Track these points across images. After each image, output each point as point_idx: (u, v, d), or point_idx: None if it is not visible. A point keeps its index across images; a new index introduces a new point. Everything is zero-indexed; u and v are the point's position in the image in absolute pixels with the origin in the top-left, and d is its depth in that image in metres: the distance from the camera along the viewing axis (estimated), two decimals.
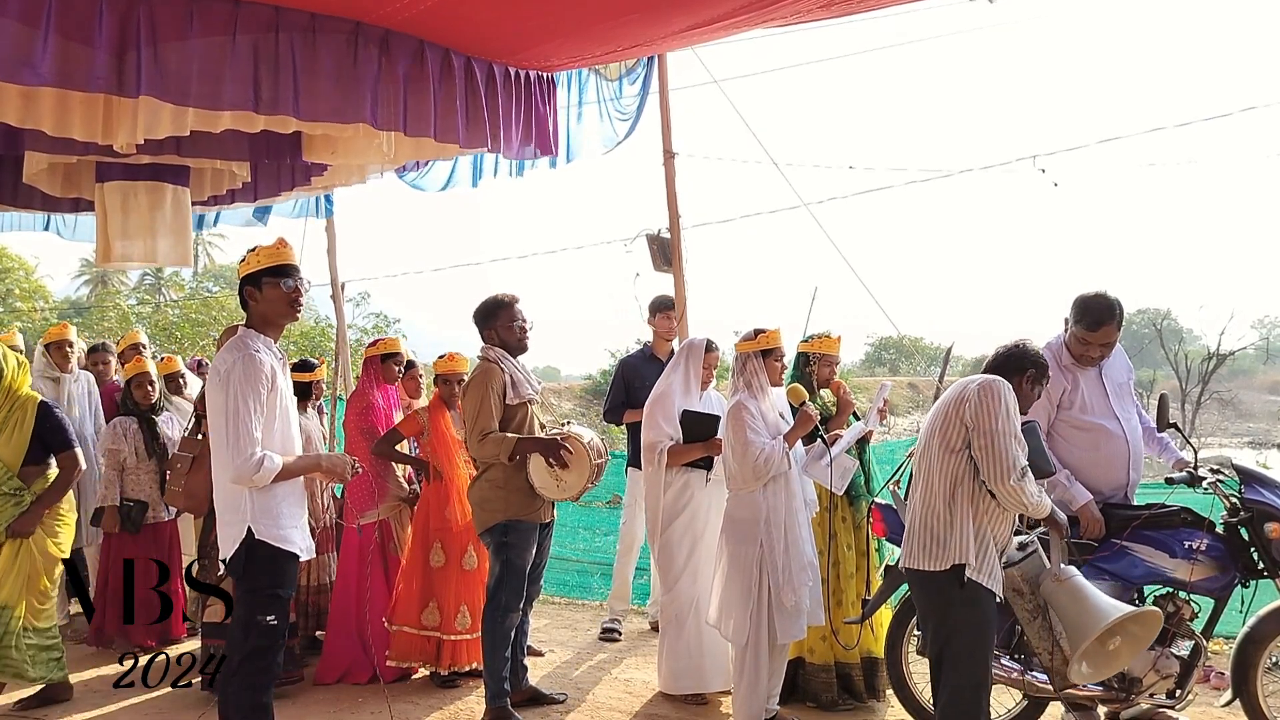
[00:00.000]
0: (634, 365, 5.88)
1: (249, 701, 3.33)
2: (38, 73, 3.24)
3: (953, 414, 3.30)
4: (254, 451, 3.20)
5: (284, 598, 3.39)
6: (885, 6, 4.28)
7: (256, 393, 3.25)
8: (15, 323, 22.97)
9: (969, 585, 3.22)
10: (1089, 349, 4.02)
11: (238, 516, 3.29)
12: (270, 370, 3.32)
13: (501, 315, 4.40)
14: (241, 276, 3.43)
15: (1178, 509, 3.83)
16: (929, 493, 3.34)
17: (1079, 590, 3.40)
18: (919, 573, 3.33)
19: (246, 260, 3.41)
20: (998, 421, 3.20)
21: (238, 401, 3.22)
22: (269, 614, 3.33)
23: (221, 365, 3.30)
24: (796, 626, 4.05)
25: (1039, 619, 3.51)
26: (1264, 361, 52.88)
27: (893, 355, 58.65)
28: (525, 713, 4.42)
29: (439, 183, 6.73)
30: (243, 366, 3.25)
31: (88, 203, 5.61)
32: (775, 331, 4.23)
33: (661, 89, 6.24)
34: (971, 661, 3.28)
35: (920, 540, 3.32)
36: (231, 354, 3.30)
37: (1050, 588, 3.45)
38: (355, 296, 28.82)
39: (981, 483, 3.23)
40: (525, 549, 4.31)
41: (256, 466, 3.20)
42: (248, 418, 3.22)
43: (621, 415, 5.77)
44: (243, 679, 3.33)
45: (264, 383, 3.28)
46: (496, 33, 4.21)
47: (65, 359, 6.01)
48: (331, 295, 8.19)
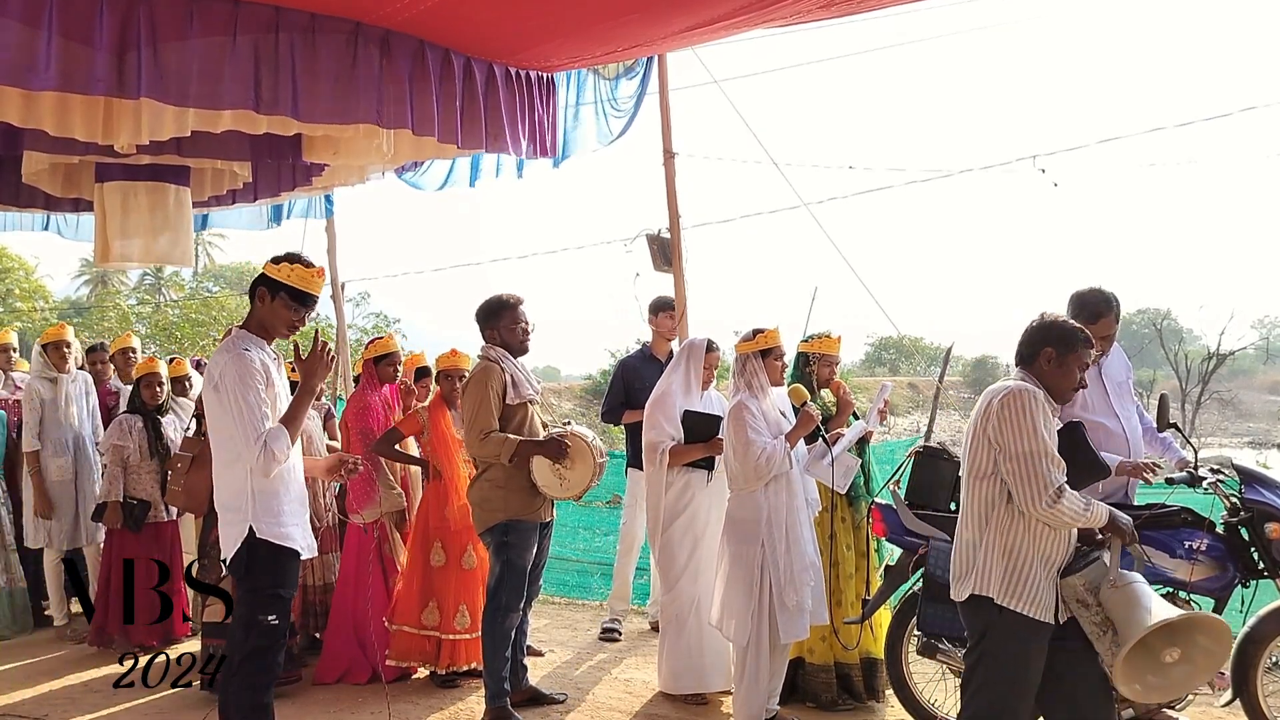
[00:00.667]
0: (633, 366, 5.88)
1: (249, 701, 3.33)
2: (42, 76, 3.25)
3: (979, 432, 3.05)
4: (260, 438, 3.22)
5: (285, 597, 3.39)
6: (885, 6, 4.28)
7: (254, 387, 3.26)
8: (15, 322, 23.00)
9: (1006, 614, 2.97)
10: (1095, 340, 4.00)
11: (239, 516, 3.30)
12: (262, 366, 3.34)
13: (505, 316, 4.40)
14: (265, 275, 3.43)
15: (1178, 509, 3.83)
16: (963, 516, 3.16)
17: (1136, 596, 2.99)
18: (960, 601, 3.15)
19: (280, 267, 3.41)
20: (1023, 441, 2.93)
21: (237, 398, 3.24)
22: (270, 613, 3.32)
23: (214, 369, 3.33)
24: (799, 626, 4.04)
25: (1108, 633, 3.03)
26: (1264, 361, 52.90)
27: (893, 355, 58.66)
28: (525, 713, 4.42)
29: (437, 182, 6.74)
30: (234, 366, 3.27)
31: (88, 203, 5.61)
32: (774, 331, 4.23)
33: (661, 89, 6.23)
34: (989, 693, 3.03)
35: (953, 566, 3.17)
36: (222, 356, 3.33)
37: (1108, 594, 3.04)
38: (355, 296, 28.86)
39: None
40: (525, 548, 4.31)
41: (271, 454, 3.22)
42: (255, 408, 3.24)
43: (620, 416, 5.76)
44: (243, 679, 3.33)
45: (258, 378, 3.29)
46: (496, 33, 4.21)
47: (63, 359, 6.00)
48: (331, 295, 8.19)
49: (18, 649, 5.72)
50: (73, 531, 5.95)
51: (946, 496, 4.06)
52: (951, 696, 4.13)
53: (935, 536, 3.97)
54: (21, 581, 6.03)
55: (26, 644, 5.83)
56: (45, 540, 5.89)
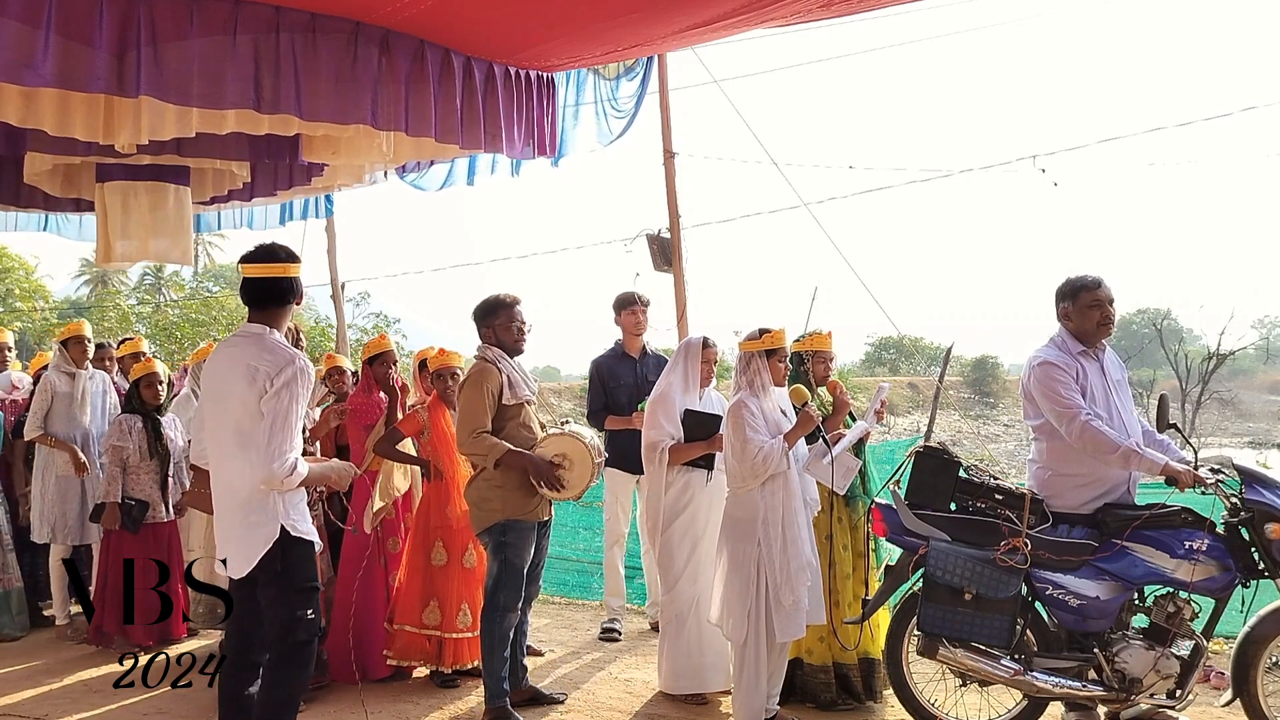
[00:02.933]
0: (607, 365, 5.80)
1: (287, 698, 3.35)
2: (39, 73, 3.25)
3: None
4: (290, 456, 3.23)
5: (318, 590, 3.43)
6: (885, 6, 4.28)
7: (305, 404, 3.31)
8: (15, 322, 23.00)
9: None
10: (1102, 309, 4.02)
11: (267, 516, 3.27)
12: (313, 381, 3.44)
13: (501, 315, 4.40)
14: (292, 279, 3.42)
15: (1178, 509, 3.83)
16: None
17: None
18: None
19: (296, 265, 3.42)
20: None
21: (291, 406, 3.24)
22: (309, 608, 3.36)
23: (269, 367, 3.25)
24: (795, 625, 4.04)
25: None
26: (1264, 361, 52.92)
27: (893, 355, 58.66)
28: (525, 712, 4.42)
29: (437, 182, 6.75)
30: (302, 375, 3.28)
31: (88, 202, 5.61)
32: (780, 331, 4.23)
33: (661, 89, 6.24)
34: None
35: None
36: (279, 356, 3.28)
37: None
38: (355, 296, 28.91)
39: None
40: (523, 548, 4.31)
41: (291, 469, 3.22)
42: (295, 423, 3.25)
43: (604, 420, 5.71)
44: (285, 675, 3.33)
45: (309, 393, 3.37)
46: (496, 32, 4.21)
47: (82, 354, 6.06)
48: (331, 295, 8.20)
49: (17, 649, 5.72)
50: (79, 528, 5.95)
51: (946, 496, 4.06)
52: (951, 696, 4.13)
53: (935, 536, 3.97)
54: (19, 581, 6.03)
55: (26, 644, 5.83)
56: (50, 535, 5.90)
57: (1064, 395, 3.90)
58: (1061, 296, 4.11)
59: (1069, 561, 3.84)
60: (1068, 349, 4.05)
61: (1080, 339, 4.07)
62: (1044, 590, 3.84)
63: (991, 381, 52.64)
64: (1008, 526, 3.89)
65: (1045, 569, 3.84)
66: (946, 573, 3.85)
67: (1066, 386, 3.91)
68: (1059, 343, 4.09)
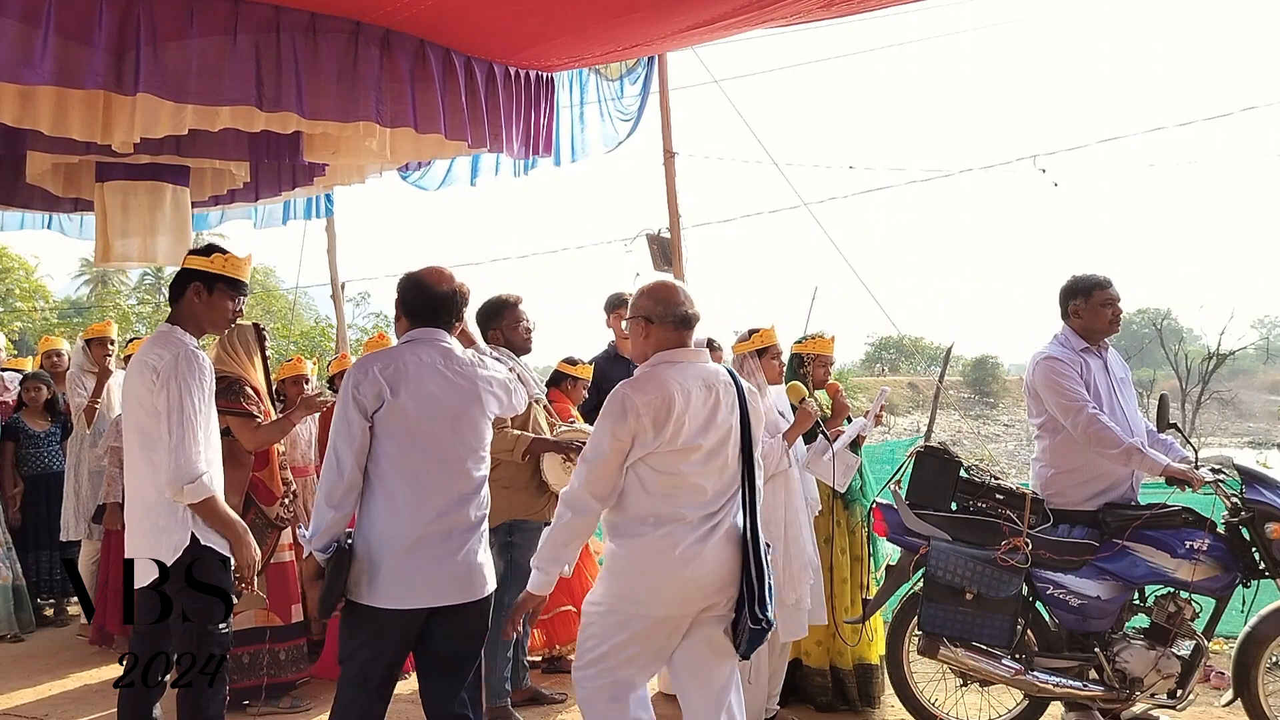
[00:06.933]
0: (600, 367, 5.76)
1: (206, 715, 3.21)
2: (37, 72, 3.24)
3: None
4: (198, 466, 3.03)
5: (231, 603, 3.23)
6: (885, 6, 4.28)
7: (202, 394, 3.10)
8: (15, 322, 23.00)
9: None
10: (1113, 307, 4.06)
11: (176, 522, 3.08)
12: (210, 372, 3.21)
13: (507, 315, 4.39)
14: (193, 269, 3.26)
15: (1179, 509, 3.83)
16: None
17: None
18: None
19: (212, 259, 3.26)
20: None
21: (184, 399, 3.03)
22: (223, 622, 3.19)
23: (156, 360, 3.09)
24: (797, 624, 4.04)
25: None
26: (1264, 361, 52.94)
27: (893, 355, 58.72)
28: (525, 712, 4.41)
29: (437, 181, 6.74)
30: (187, 364, 3.08)
31: (88, 202, 5.61)
32: (769, 330, 4.23)
33: (662, 89, 6.25)
34: None
35: None
36: (170, 349, 3.11)
37: None
38: (355, 296, 28.90)
39: None
40: (530, 548, 4.30)
41: (193, 478, 3.02)
42: (194, 418, 3.05)
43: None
44: (200, 697, 3.20)
45: (208, 384, 3.16)
46: (496, 32, 4.21)
47: (105, 354, 6.11)
48: (331, 295, 8.20)
49: (17, 649, 5.71)
50: None
51: (947, 496, 4.06)
52: (952, 696, 4.13)
53: (935, 536, 3.96)
54: (20, 579, 6.02)
55: (26, 644, 5.82)
56: (85, 532, 5.92)
57: (1069, 389, 3.91)
58: (1072, 294, 4.11)
59: (1070, 561, 3.84)
60: (1072, 346, 4.06)
61: (1086, 336, 4.08)
62: (1045, 590, 3.85)
63: (991, 381, 52.68)
64: (1008, 526, 3.89)
65: (1046, 569, 3.85)
66: (947, 572, 3.85)
67: (1072, 381, 3.93)
68: (1063, 340, 4.10)
